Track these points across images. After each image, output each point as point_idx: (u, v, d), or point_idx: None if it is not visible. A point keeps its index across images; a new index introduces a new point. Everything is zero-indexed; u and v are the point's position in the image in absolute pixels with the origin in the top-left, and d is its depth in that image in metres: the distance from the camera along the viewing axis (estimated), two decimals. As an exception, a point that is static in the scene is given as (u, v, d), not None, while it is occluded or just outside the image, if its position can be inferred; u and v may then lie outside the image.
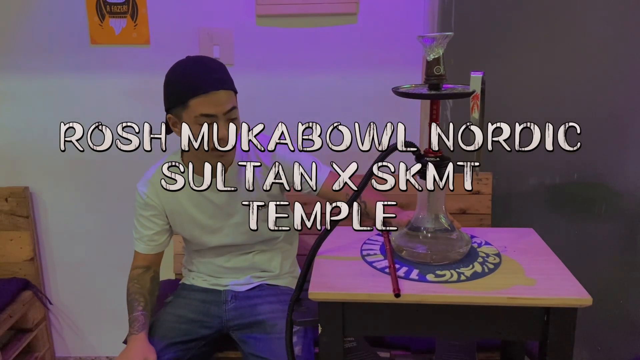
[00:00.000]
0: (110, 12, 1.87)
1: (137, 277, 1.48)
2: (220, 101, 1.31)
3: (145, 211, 1.49)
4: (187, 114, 1.32)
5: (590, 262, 1.94)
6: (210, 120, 1.30)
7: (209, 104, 1.30)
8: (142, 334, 1.36)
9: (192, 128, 1.29)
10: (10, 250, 2.07)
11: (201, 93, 1.30)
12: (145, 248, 1.51)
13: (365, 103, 1.89)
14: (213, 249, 1.55)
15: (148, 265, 1.51)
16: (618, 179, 1.89)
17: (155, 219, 1.49)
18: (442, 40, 1.00)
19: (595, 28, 1.80)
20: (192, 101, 1.31)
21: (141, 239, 1.51)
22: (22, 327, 2.04)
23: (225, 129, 1.28)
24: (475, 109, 1.02)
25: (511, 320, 1.01)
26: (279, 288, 1.57)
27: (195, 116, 1.31)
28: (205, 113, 1.30)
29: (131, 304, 1.43)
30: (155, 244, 1.51)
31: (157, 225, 1.50)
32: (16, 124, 2.02)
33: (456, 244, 1.10)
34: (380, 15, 1.83)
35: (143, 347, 1.33)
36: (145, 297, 1.44)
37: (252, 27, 1.87)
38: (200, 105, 1.30)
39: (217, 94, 1.31)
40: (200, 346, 1.48)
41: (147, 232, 1.50)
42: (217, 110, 1.31)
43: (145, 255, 1.51)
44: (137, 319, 1.39)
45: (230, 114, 1.34)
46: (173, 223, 1.51)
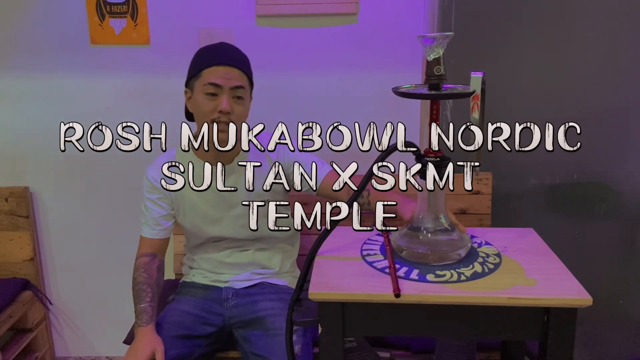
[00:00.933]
0: (110, 12, 1.87)
1: (144, 265, 1.48)
2: (229, 74, 1.39)
3: (151, 194, 1.51)
4: (198, 83, 1.40)
5: (590, 262, 1.94)
6: (216, 90, 1.38)
7: (218, 74, 1.38)
8: (150, 326, 1.36)
9: (199, 98, 1.39)
10: (10, 250, 2.07)
11: (214, 64, 1.39)
12: (152, 232, 1.52)
13: (365, 103, 1.89)
14: (213, 243, 1.55)
15: (154, 252, 1.52)
16: (618, 179, 1.89)
17: (161, 202, 1.51)
18: (442, 40, 1.00)
19: (595, 28, 1.80)
20: (204, 71, 1.39)
21: (147, 222, 1.52)
22: (22, 327, 2.04)
23: (228, 102, 1.38)
24: (475, 109, 1.02)
25: (511, 320, 1.01)
26: (279, 287, 1.58)
27: (203, 84, 1.39)
28: (213, 82, 1.38)
29: (138, 294, 1.42)
30: (160, 229, 1.52)
31: (162, 209, 1.52)
32: (16, 124, 2.02)
33: (456, 244, 1.10)
34: (380, 15, 1.84)
35: (152, 339, 1.34)
36: (152, 287, 1.44)
37: (252, 27, 1.87)
38: (210, 74, 1.39)
39: (229, 69, 1.39)
40: (205, 345, 1.48)
41: (153, 215, 1.51)
42: (224, 81, 1.38)
43: (152, 241, 1.52)
44: (145, 310, 1.38)
45: (236, 91, 1.40)
46: (176, 209, 1.53)
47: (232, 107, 1.39)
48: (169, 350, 1.35)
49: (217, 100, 1.38)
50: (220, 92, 1.38)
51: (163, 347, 1.34)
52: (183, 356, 1.40)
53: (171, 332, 1.42)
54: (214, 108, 1.38)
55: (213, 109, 1.38)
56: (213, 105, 1.38)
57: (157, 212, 1.52)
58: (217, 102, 1.38)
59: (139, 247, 1.53)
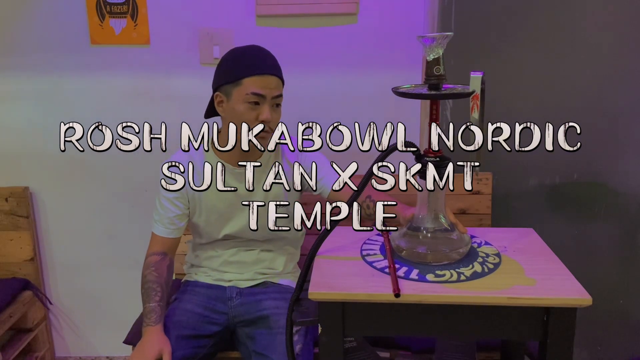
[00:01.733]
0: (110, 12, 1.87)
1: (154, 264, 1.47)
2: (271, 84, 1.40)
3: (168, 192, 1.50)
4: (238, 91, 1.39)
5: (590, 262, 1.94)
6: (259, 99, 1.39)
7: (262, 84, 1.39)
8: (158, 326, 1.36)
9: (239, 107, 1.40)
10: (10, 250, 2.07)
11: (257, 73, 1.39)
12: (164, 231, 1.51)
13: (365, 103, 1.89)
14: (221, 241, 1.55)
15: (165, 251, 1.51)
16: (618, 179, 1.89)
17: (178, 202, 1.51)
18: (442, 40, 1.00)
19: (595, 28, 1.80)
20: (246, 79, 1.39)
21: (161, 220, 1.51)
22: (22, 327, 2.03)
23: (269, 112, 1.40)
24: (475, 109, 1.02)
25: (511, 320, 1.01)
26: (282, 286, 1.58)
27: (246, 93, 1.38)
28: (256, 92, 1.38)
29: (148, 292, 1.42)
30: (174, 228, 1.52)
31: (178, 208, 1.51)
32: (16, 124, 2.01)
33: (456, 244, 1.10)
34: (380, 15, 1.84)
35: (159, 339, 1.33)
36: (162, 287, 1.43)
37: (252, 27, 1.87)
38: (253, 83, 1.38)
39: (270, 78, 1.41)
40: (210, 345, 1.48)
41: (167, 214, 1.50)
42: (267, 92, 1.39)
43: (163, 240, 1.51)
44: (154, 310, 1.38)
45: (276, 99, 1.43)
46: (192, 208, 1.52)
47: (272, 115, 1.40)
48: (175, 351, 1.35)
49: (258, 110, 1.39)
50: (262, 102, 1.39)
51: (170, 347, 1.33)
52: (188, 357, 1.40)
53: (177, 332, 1.41)
54: (255, 117, 1.39)
55: (255, 118, 1.38)
56: (254, 115, 1.39)
57: (172, 211, 1.51)
58: (258, 112, 1.39)
59: (150, 245, 1.53)
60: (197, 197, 1.51)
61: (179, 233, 1.54)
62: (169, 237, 1.52)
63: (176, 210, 1.51)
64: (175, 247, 1.55)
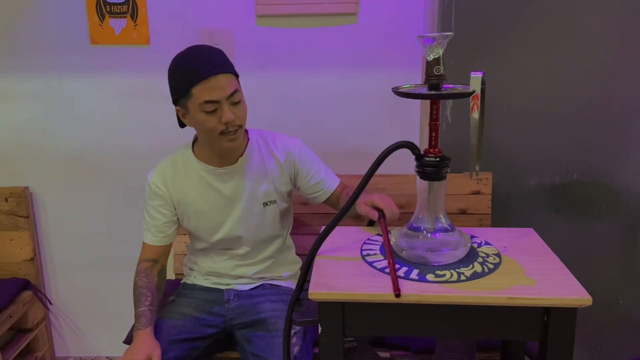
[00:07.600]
0: (110, 12, 1.87)
1: (144, 270, 1.48)
2: (220, 85, 1.32)
3: (153, 201, 1.49)
4: (192, 103, 1.34)
5: (590, 262, 1.94)
6: (214, 106, 1.33)
7: (211, 90, 1.32)
8: (148, 329, 1.36)
9: (198, 117, 1.34)
10: (10, 250, 2.07)
11: (201, 80, 1.31)
12: (154, 239, 1.51)
13: (365, 103, 1.89)
14: (219, 251, 1.56)
15: (155, 258, 1.51)
16: (618, 179, 1.89)
17: (163, 209, 1.50)
18: (442, 40, 1.00)
19: (594, 28, 1.80)
20: (194, 89, 1.32)
21: (149, 229, 1.51)
22: (22, 327, 2.04)
23: (230, 112, 1.33)
24: (475, 109, 1.02)
25: (511, 320, 1.01)
26: (281, 288, 1.58)
27: (199, 104, 1.33)
28: (208, 99, 1.32)
29: (138, 298, 1.42)
30: (162, 235, 1.51)
31: (164, 216, 1.50)
32: (16, 124, 2.02)
33: (456, 244, 1.10)
34: (380, 15, 1.83)
35: (149, 342, 1.33)
36: (152, 291, 1.44)
37: (252, 27, 1.87)
38: (202, 92, 1.32)
39: (217, 79, 1.32)
40: (206, 346, 1.48)
41: (155, 223, 1.50)
42: (219, 95, 1.32)
43: (154, 247, 1.52)
44: (144, 314, 1.38)
45: (233, 98, 1.35)
46: (180, 214, 1.52)
47: (234, 113, 1.35)
48: (166, 354, 1.35)
49: (218, 114, 1.34)
50: (219, 105, 1.33)
51: (160, 351, 1.33)
52: (180, 358, 1.40)
53: (170, 335, 1.42)
54: (217, 122, 1.34)
55: (217, 123, 1.34)
56: (216, 120, 1.34)
57: (158, 219, 1.50)
58: (218, 116, 1.34)
59: (141, 252, 1.53)
60: (184, 203, 1.49)
61: (168, 240, 1.53)
62: (158, 245, 1.52)
63: (163, 218, 1.50)
64: (166, 254, 1.55)
